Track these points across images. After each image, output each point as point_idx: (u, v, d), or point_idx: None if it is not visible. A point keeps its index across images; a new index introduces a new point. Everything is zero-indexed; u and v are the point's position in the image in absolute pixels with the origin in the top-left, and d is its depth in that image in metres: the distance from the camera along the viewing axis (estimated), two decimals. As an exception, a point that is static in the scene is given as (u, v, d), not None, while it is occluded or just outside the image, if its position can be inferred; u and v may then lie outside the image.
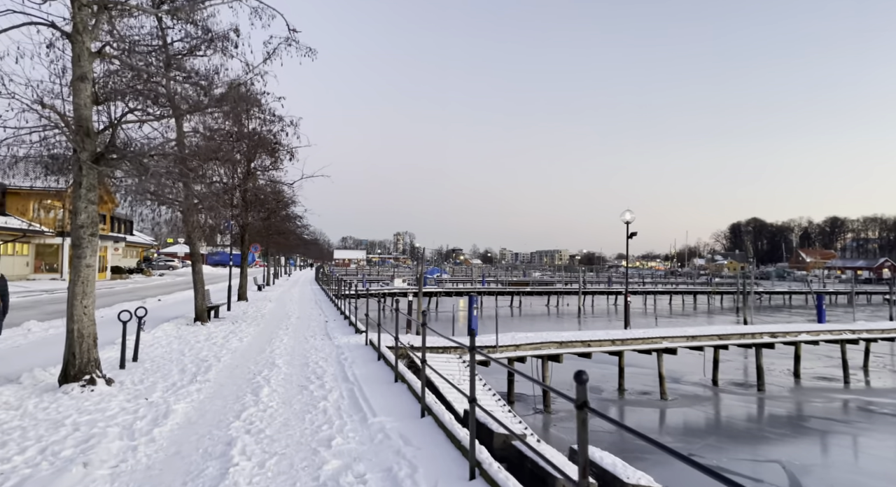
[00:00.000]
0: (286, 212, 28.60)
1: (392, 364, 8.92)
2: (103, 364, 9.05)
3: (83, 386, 6.97)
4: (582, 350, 14.51)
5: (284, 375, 8.61)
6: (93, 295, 7.31)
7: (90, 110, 7.24)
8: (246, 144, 17.46)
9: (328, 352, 10.83)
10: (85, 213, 7.16)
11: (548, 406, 13.94)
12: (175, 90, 15.26)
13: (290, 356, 10.39)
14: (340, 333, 13.80)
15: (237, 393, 7.32)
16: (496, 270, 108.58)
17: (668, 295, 61.01)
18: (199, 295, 14.93)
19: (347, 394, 7.33)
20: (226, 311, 18.93)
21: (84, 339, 7.14)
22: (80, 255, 7.15)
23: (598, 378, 17.55)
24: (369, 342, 11.64)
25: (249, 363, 9.63)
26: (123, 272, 47.95)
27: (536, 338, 14.23)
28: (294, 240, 44.69)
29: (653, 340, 15.48)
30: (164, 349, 10.86)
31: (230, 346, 11.39)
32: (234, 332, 13.56)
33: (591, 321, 41.95)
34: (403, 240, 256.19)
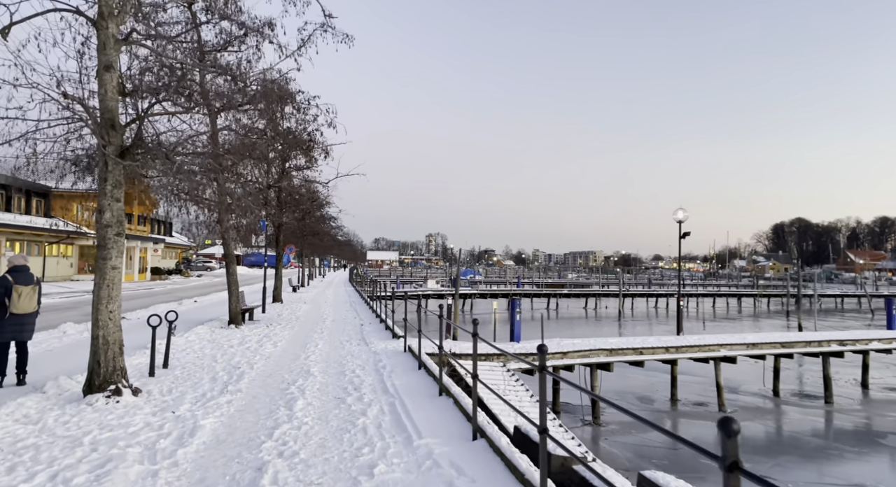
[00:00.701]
0: (321, 212, 28.32)
1: (435, 375, 8.23)
2: (133, 370, 8.65)
3: (108, 397, 6.50)
4: (634, 358, 13.56)
5: (320, 385, 8.02)
6: (118, 300, 6.85)
7: (116, 102, 6.78)
8: (281, 144, 17.12)
9: (365, 359, 10.23)
10: (110, 211, 6.70)
11: (597, 418, 13.03)
12: (209, 87, 15.00)
13: (325, 363, 9.82)
14: (377, 338, 13.21)
15: (270, 407, 6.75)
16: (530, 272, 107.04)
17: (712, 297, 58.73)
18: (233, 298, 14.57)
19: (388, 409, 6.67)
20: (260, 314, 18.62)
21: (109, 347, 6.68)
22: (106, 256, 6.69)
23: (646, 386, 16.53)
24: (408, 348, 10.99)
25: (283, 371, 9.09)
26: (162, 273, 48.77)
27: (584, 345, 13.34)
28: (328, 241, 44.62)
29: (710, 347, 14.40)
30: (197, 354, 10.44)
31: (264, 352, 10.91)
32: (269, 336, 13.12)
33: (633, 325, 40.51)
34: (435, 241, 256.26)
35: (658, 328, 38.11)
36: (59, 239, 36.52)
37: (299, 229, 28.79)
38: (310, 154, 14.77)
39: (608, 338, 14.90)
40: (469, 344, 12.87)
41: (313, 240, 36.05)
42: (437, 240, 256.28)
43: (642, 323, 42.52)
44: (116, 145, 6.72)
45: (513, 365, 11.90)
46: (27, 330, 7.51)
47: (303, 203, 20.57)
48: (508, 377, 11.07)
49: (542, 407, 3.85)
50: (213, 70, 15.30)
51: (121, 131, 6.83)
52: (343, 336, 13.62)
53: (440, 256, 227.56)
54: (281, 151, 17.89)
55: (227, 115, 14.57)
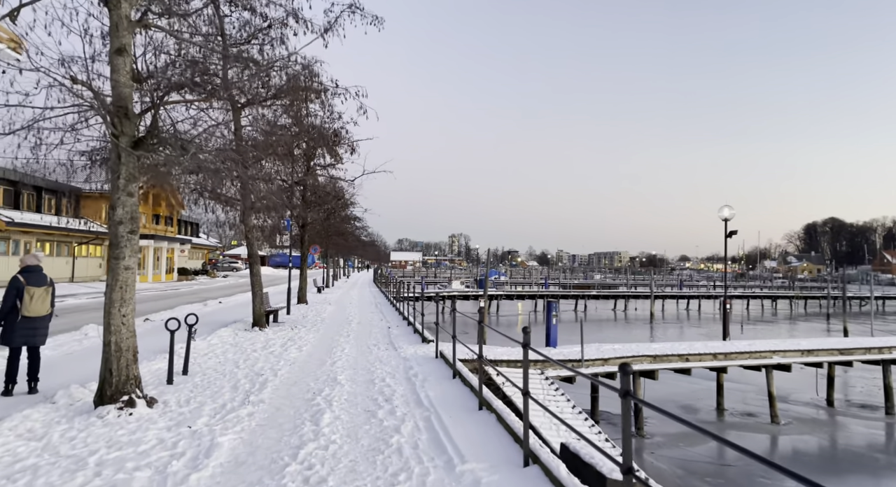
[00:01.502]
0: (346, 212, 27.88)
1: (472, 385, 7.55)
2: (151, 377, 8.17)
3: (120, 408, 5.97)
4: (679, 365, 12.68)
5: (348, 395, 7.40)
6: (132, 303, 6.33)
7: (130, 89, 6.26)
8: (306, 141, 16.65)
9: (395, 366, 9.59)
10: (123, 208, 6.18)
11: (640, 429, 12.20)
12: (233, 81, 14.54)
13: (352, 370, 9.22)
14: (405, 342, 12.59)
15: (295, 421, 6.15)
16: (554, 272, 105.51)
17: (745, 299, 56.82)
18: (257, 299, 14.11)
19: (424, 426, 6.01)
20: (285, 315, 18.18)
21: (123, 354, 6.15)
22: (118, 256, 6.17)
23: (688, 394, 15.58)
24: (440, 354, 10.33)
25: (309, 378, 8.51)
26: (189, 273, 49.08)
27: (626, 351, 12.52)
28: (353, 241, 44.31)
29: (761, 354, 13.42)
30: (218, 359, 9.94)
31: (288, 357, 10.36)
32: (293, 340, 12.60)
33: (666, 328, 39.24)
34: (458, 241, 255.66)
35: (692, 331, 36.81)
36: (87, 239, 36.88)
37: (324, 229, 28.40)
38: (335, 150, 14.24)
39: (651, 344, 14.03)
40: (503, 349, 12.17)
41: (338, 240, 35.70)
42: (461, 241, 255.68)
43: (674, 326, 41.19)
44: (129, 136, 6.20)
45: (551, 371, 11.16)
46: (40, 335, 7.06)
47: (328, 201, 20.08)
48: (547, 385, 10.34)
49: (625, 442, 3.13)
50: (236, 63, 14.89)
51: (134, 120, 6.31)
52: (370, 339, 13.03)
53: (463, 257, 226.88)
54: (306, 149, 17.44)
55: (250, 111, 14.14)
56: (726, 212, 15.69)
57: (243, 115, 13.72)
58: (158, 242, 43.14)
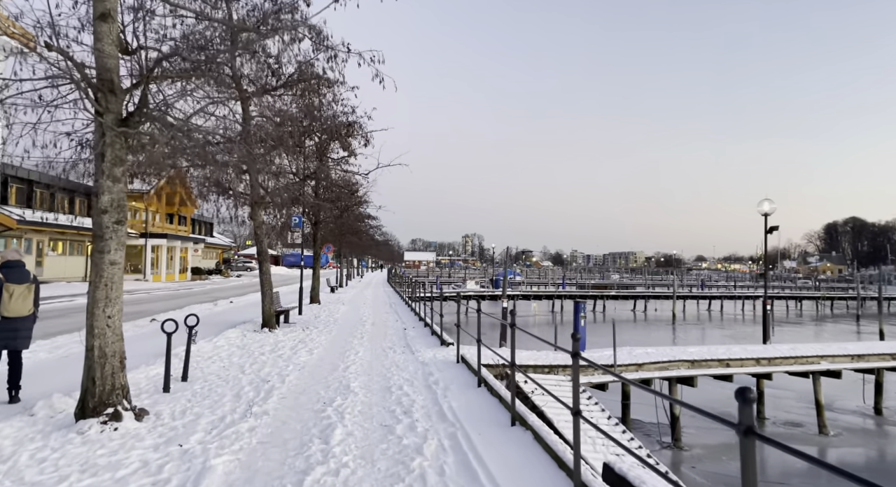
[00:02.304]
0: (360, 209, 27.18)
1: (500, 394, 6.72)
2: (148, 384, 7.46)
3: (104, 422, 5.24)
4: (720, 371, 11.72)
5: (362, 406, 6.62)
6: (119, 302, 5.60)
7: (116, 60, 5.54)
8: (318, 136, 15.93)
9: (413, 372, 8.80)
10: (108, 194, 5.45)
11: (678, 440, 11.27)
12: (241, 71, 13.85)
13: (367, 376, 8.44)
14: (423, 344, 11.79)
15: (301, 438, 5.37)
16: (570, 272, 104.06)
17: (770, 300, 55.14)
18: (266, 299, 13.40)
19: (450, 446, 5.20)
20: (296, 316, 17.48)
21: (108, 360, 5.42)
22: (103, 249, 5.45)
23: (724, 400, 14.53)
24: (461, 359, 9.51)
25: (319, 385, 7.75)
26: (202, 273, 48.82)
27: (661, 355, 11.61)
28: (367, 240, 43.68)
29: (808, 359, 12.41)
30: (223, 363, 9.22)
31: (298, 360, 9.62)
32: (304, 342, 11.86)
33: (689, 329, 38.04)
34: (472, 241, 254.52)
35: (717, 333, 35.59)
36: (101, 238, 36.66)
37: (337, 227, 27.74)
38: (348, 141, 13.50)
39: (686, 348, 13.06)
40: (529, 353, 11.31)
41: (352, 238, 35.08)
42: (474, 241, 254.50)
43: (696, 327, 39.96)
44: (115, 113, 5.48)
45: (582, 378, 10.27)
46: (21, 338, 6.36)
47: (342, 198, 19.37)
48: (580, 393, 9.46)
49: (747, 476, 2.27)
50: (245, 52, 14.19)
51: (121, 96, 5.58)
52: (385, 342, 12.26)
53: (477, 257, 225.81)
54: (318, 143, 16.69)
55: (259, 100, 13.44)
56: (766, 207, 14.65)
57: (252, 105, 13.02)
58: (172, 241, 42.87)
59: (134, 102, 5.80)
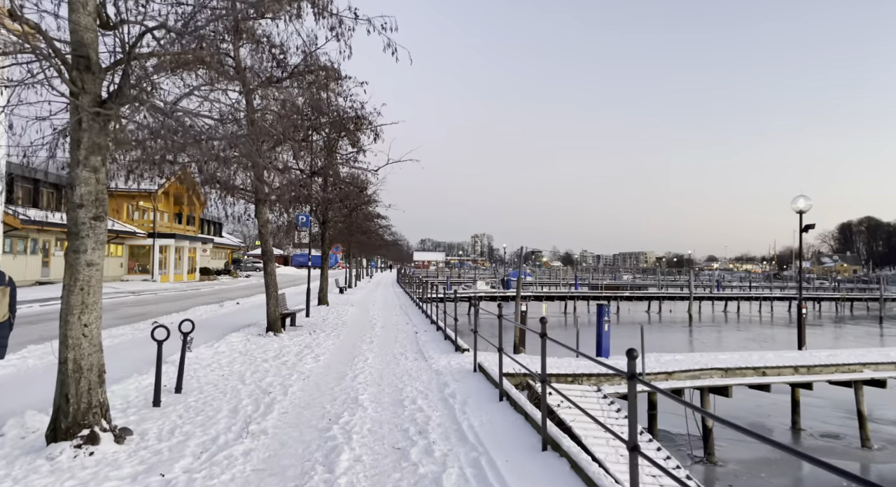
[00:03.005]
0: (369, 209, 26.55)
1: (529, 413, 5.99)
2: (137, 395, 6.82)
3: (78, 446, 4.59)
4: (756, 380, 10.91)
5: (372, 423, 5.93)
6: (97, 309, 4.95)
7: (94, 34, 4.89)
8: (327, 132, 15.26)
9: (427, 382, 8.09)
10: (84, 186, 4.80)
11: (711, 454, 10.47)
12: (245, 62, 13.20)
13: (377, 387, 7.75)
14: (436, 350, 11.10)
15: (303, 464, 4.68)
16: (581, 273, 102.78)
17: (787, 301, 53.96)
18: (271, 301, 12.76)
19: (473, 474, 4.49)
20: (303, 318, 16.85)
21: (83, 375, 4.78)
22: (78, 248, 4.80)
23: (754, 409, 13.75)
24: (478, 367, 8.79)
25: (325, 398, 7.07)
26: (211, 273, 48.45)
27: (692, 363, 10.81)
28: (376, 240, 43.10)
29: (849, 367, 11.55)
30: (223, 371, 8.57)
31: (303, 368, 8.96)
32: (310, 347, 11.21)
33: (706, 331, 37.05)
34: (481, 241, 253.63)
35: (737, 336, 34.58)
36: (108, 238, 36.30)
37: (346, 227, 27.14)
38: (357, 135, 12.83)
39: (717, 354, 12.26)
40: (552, 361, 10.54)
41: (361, 238, 34.50)
42: (483, 241, 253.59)
43: (712, 329, 38.96)
44: (93, 94, 4.83)
45: (608, 387, 9.52)
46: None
47: (351, 196, 18.72)
48: (606, 404, 8.72)
49: None
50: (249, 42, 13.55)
51: (100, 75, 4.93)
52: (396, 347, 11.57)
53: (486, 257, 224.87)
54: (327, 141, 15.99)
55: (264, 92, 12.81)
56: (801, 204, 13.77)
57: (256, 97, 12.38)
58: (179, 241, 42.50)
59: (115, 83, 5.15)
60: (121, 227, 37.18)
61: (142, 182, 11.44)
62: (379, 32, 6.13)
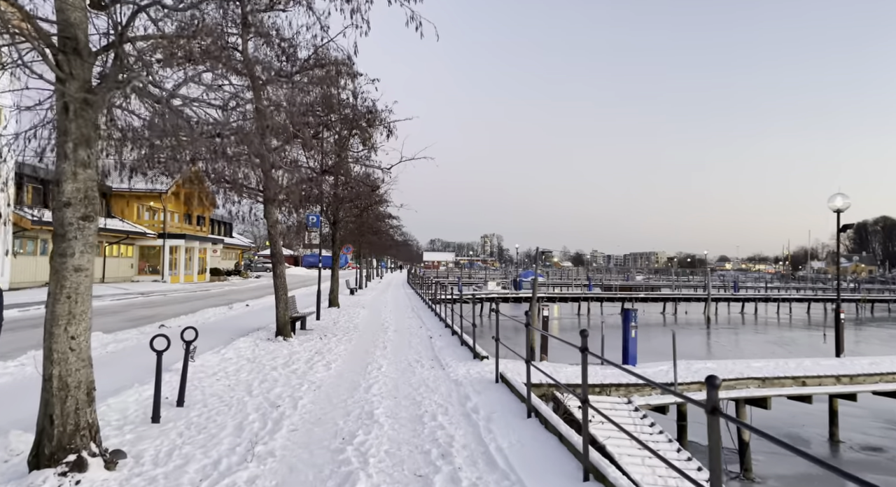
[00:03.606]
0: (380, 209, 26.07)
1: (565, 435, 5.42)
2: (137, 409, 6.33)
3: (62, 474, 4.09)
4: (795, 390, 10.24)
5: (389, 444, 5.39)
6: (87, 319, 4.45)
7: (83, 13, 4.41)
8: (338, 132, 14.74)
9: (446, 394, 7.54)
10: (72, 182, 4.31)
11: (748, 470, 9.83)
12: (254, 56, 12.72)
13: (393, 399, 7.22)
14: (453, 357, 10.55)
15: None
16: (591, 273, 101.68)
17: (807, 302, 52.85)
18: (280, 304, 12.27)
19: (509, 511, 3.93)
20: (314, 321, 16.37)
21: (70, 393, 4.28)
22: (65, 251, 4.31)
23: (788, 419, 13.04)
24: (500, 378, 8.23)
25: (337, 412, 6.54)
26: (221, 274, 48.22)
27: (725, 371, 10.18)
28: (387, 240, 42.66)
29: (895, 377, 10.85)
30: (229, 381, 8.07)
31: (314, 377, 8.45)
32: (321, 353, 10.71)
33: (725, 334, 36.20)
34: (491, 242, 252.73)
35: (757, 339, 33.73)
36: (118, 239, 36.11)
37: (357, 227, 26.69)
38: (369, 132, 12.32)
39: (750, 362, 11.57)
40: (576, 369, 9.95)
41: (372, 238, 34.05)
42: (493, 241, 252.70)
43: (728, 331, 38.10)
44: (81, 81, 4.33)
45: (638, 398, 8.92)
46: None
47: (362, 196, 18.22)
48: (638, 418, 8.12)
49: None
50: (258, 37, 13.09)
51: (90, 60, 4.44)
52: (411, 353, 11.04)
53: (496, 257, 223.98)
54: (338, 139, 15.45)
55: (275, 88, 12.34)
56: (839, 202, 13.02)
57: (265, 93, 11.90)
58: (190, 242, 42.29)
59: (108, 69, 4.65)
60: (131, 228, 37.01)
61: (147, 181, 11.01)
62: (401, 3, 5.58)
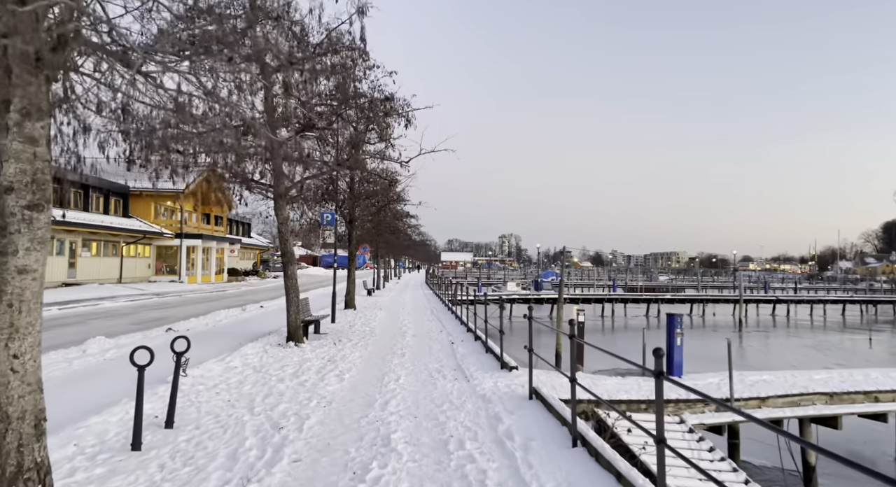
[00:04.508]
0: (398, 207, 25.22)
1: (624, 473, 4.43)
2: (120, 432, 5.53)
3: (-2, 530, 3.22)
4: (868, 408, 9.06)
5: (409, 480, 4.47)
6: (34, 333, 3.60)
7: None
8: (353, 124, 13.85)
9: (473, 413, 6.59)
10: (16, 163, 3.47)
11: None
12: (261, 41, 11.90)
13: (413, 419, 6.29)
14: (478, 366, 9.59)
15: (313, 562, 3.24)
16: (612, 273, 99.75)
17: (842, 304, 50.81)
18: (291, 307, 11.44)
19: None
20: (329, 324, 15.55)
21: (11, 425, 3.43)
22: (6, 249, 3.48)
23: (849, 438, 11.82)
24: (534, 393, 7.24)
25: (349, 436, 5.64)
26: (239, 274, 47.88)
27: (786, 385, 9.05)
28: (405, 240, 41.85)
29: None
30: (230, 395, 7.22)
31: (324, 390, 7.57)
32: (334, 361, 9.84)
33: (756, 337, 34.67)
34: (509, 242, 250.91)
35: (792, 342, 32.17)
36: (135, 239, 35.85)
37: (374, 226, 25.90)
38: (387, 121, 11.42)
39: (812, 373, 10.39)
40: (615, 381, 8.91)
41: (390, 237, 33.25)
42: (511, 241, 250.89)
43: (757, 334, 36.49)
44: (25, 34, 3.45)
45: (689, 416, 7.86)
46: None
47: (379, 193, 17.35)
48: (694, 441, 7.08)
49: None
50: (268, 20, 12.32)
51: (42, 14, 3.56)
52: (431, 361, 10.11)
53: (514, 257, 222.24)
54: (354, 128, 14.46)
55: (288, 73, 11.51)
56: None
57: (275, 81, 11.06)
58: (207, 242, 41.97)
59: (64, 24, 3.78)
60: (147, 227, 36.75)
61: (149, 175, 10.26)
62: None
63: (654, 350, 3.61)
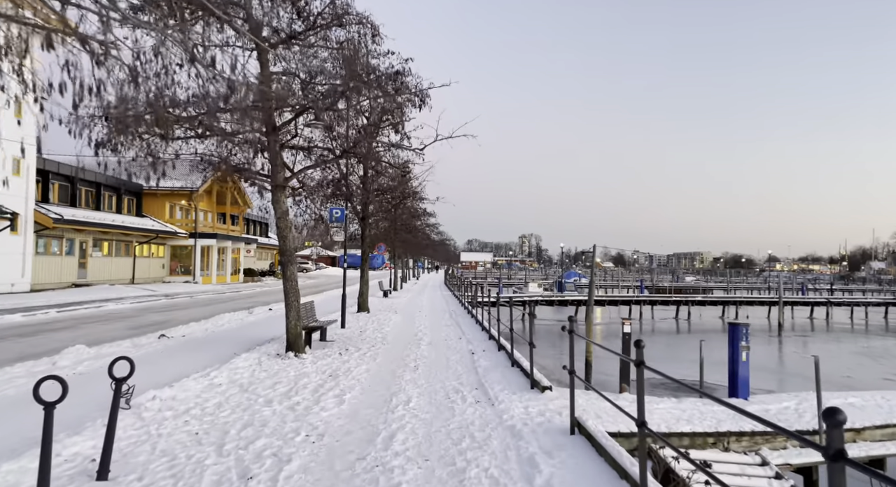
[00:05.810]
0: (415, 204, 23.86)
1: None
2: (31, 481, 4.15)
3: None
4: None
5: None
6: None
7: None
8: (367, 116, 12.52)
9: (500, 453, 5.16)
10: None
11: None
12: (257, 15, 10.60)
13: (422, 463, 4.87)
14: (503, 384, 8.15)
15: None
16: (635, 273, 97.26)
17: (885, 306, 48.09)
18: (291, 313, 10.13)
19: None
20: (338, 329, 14.24)
21: None
22: None
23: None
24: (577, 427, 5.76)
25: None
26: (255, 274, 47.04)
27: (884, 412, 7.44)
28: (423, 239, 40.52)
29: None
30: (201, 424, 5.88)
31: (317, 418, 6.20)
32: (336, 376, 8.48)
33: (796, 341, 32.49)
34: (529, 242, 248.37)
35: (835, 347, 29.92)
36: (148, 238, 35.10)
37: (390, 224, 24.59)
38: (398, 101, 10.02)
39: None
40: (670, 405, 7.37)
41: (406, 237, 31.91)
42: (531, 242, 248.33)
43: (806, 339, 34.22)
44: None
45: (768, 451, 6.29)
46: None
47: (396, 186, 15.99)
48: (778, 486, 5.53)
49: None
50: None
51: None
52: (449, 378, 8.70)
53: (534, 258, 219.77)
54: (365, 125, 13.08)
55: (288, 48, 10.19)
56: None
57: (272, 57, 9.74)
58: (222, 241, 41.13)
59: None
60: (161, 227, 35.99)
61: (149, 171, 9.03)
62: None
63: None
